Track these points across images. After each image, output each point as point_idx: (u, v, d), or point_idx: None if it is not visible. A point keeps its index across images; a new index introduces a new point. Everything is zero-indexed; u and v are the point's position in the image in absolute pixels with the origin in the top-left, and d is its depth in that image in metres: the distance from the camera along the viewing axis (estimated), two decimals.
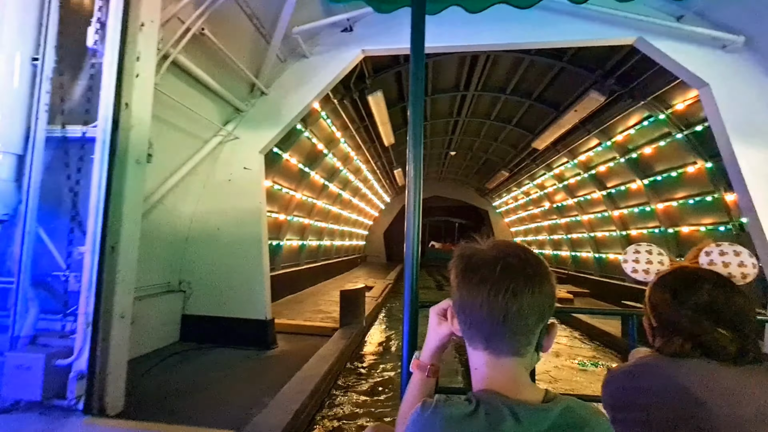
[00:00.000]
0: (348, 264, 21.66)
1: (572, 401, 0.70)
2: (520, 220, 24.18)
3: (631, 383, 0.97)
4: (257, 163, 6.73)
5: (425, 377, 0.93)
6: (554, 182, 16.17)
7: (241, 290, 6.51)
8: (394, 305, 13.10)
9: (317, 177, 12.31)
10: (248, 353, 6.12)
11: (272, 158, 9.19)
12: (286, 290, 11.75)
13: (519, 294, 0.69)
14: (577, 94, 9.54)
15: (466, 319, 0.75)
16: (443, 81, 11.01)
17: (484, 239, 0.79)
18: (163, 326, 6.21)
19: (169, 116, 5.52)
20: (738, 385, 0.85)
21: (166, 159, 5.79)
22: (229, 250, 6.58)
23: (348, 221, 20.34)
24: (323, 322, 8.08)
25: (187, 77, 5.51)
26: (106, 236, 3.44)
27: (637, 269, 1.18)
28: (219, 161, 6.75)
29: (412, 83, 1.60)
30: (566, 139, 12.26)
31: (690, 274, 1.03)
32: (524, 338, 0.72)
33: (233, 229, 6.63)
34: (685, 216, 9.79)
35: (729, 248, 1.06)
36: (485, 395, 0.70)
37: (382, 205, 26.61)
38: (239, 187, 6.70)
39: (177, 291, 6.55)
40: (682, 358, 0.92)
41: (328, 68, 6.63)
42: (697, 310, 0.94)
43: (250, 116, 6.79)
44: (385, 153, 15.87)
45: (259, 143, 6.74)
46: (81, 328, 3.27)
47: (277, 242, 11.32)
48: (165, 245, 6.36)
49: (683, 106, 7.85)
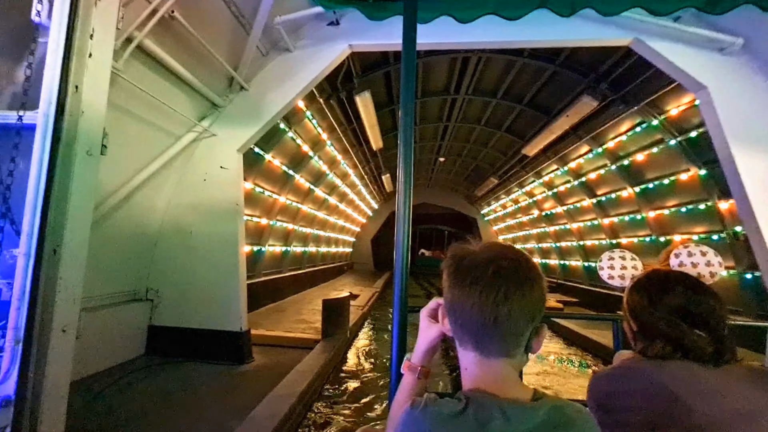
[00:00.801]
0: (334, 271, 21.14)
1: (560, 401, 0.71)
2: (509, 228, 24.04)
3: (615, 386, 0.98)
4: (235, 163, 6.28)
5: (415, 379, 0.92)
6: (543, 190, 16.02)
7: (214, 299, 6.02)
8: (381, 314, 12.64)
9: (302, 180, 11.87)
10: (220, 368, 5.63)
11: (253, 159, 8.74)
12: (268, 298, 11.23)
13: (510, 297, 0.69)
14: (569, 98, 9.35)
15: (456, 320, 0.75)
16: (433, 83, 10.74)
17: (476, 241, 0.79)
18: (125, 339, 5.67)
19: (136, 107, 5.05)
20: (719, 385, 0.87)
21: (132, 154, 5.33)
22: (202, 255, 6.10)
23: (334, 227, 19.87)
24: (305, 333, 7.60)
25: (156, 66, 5.06)
26: (46, 238, 2.95)
27: (613, 275, 1.20)
28: (193, 159, 6.29)
29: (403, 93, 1.56)
30: (557, 145, 12.09)
31: (662, 277, 1.05)
32: (514, 340, 0.72)
33: (207, 233, 6.16)
34: (676, 224, 9.64)
35: (696, 249, 1.09)
36: (474, 394, 0.70)
37: (370, 211, 26.21)
38: (215, 188, 6.24)
39: (143, 300, 6.02)
40: (664, 360, 0.93)
41: (313, 63, 6.26)
42: (672, 313, 0.96)
43: (228, 112, 6.36)
44: (373, 157, 15.53)
45: (238, 141, 6.31)
46: (9, 345, 2.75)
47: (258, 248, 10.81)
48: (131, 250, 5.85)
49: (677, 112, 7.68)
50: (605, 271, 1.23)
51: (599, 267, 1.25)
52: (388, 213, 27.43)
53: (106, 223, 5.23)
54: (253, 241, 10.59)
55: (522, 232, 21.84)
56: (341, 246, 23.44)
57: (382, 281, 19.51)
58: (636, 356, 1.02)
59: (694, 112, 7.48)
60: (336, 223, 19.66)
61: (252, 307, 10.12)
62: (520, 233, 22.20)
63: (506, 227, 24.43)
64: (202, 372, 5.48)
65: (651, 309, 1.00)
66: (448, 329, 0.80)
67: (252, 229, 10.34)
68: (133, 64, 4.64)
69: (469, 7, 3.25)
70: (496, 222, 26.13)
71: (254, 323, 8.62)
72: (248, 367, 5.80)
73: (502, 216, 24.11)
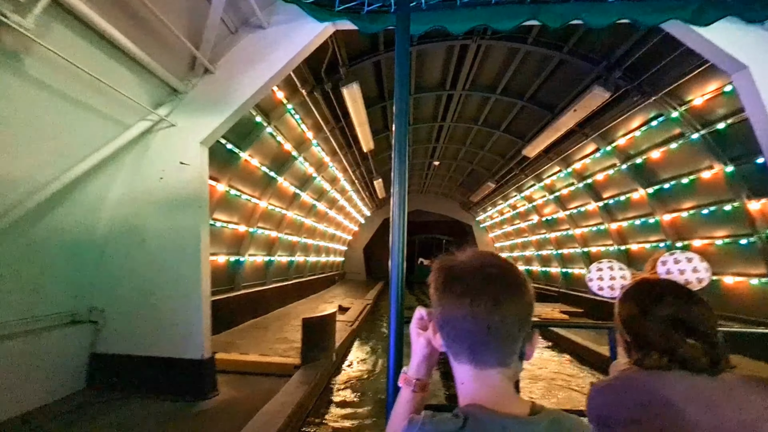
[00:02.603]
0: (324, 282, 20.08)
1: (559, 413, 0.70)
2: (506, 235, 23.21)
3: (614, 398, 0.95)
4: (198, 158, 5.33)
5: (412, 392, 0.87)
6: (544, 194, 15.22)
7: (171, 321, 5.01)
8: (374, 330, 11.58)
9: (286, 184, 10.89)
10: (176, 406, 4.62)
11: (227, 157, 7.77)
12: (248, 314, 10.19)
13: (501, 303, 0.69)
14: (577, 90, 8.55)
15: (449, 333, 0.74)
16: (428, 76, 9.88)
17: (461, 251, 0.78)
18: (59, 372, 4.65)
19: (68, 86, 4.10)
20: (718, 396, 0.85)
21: (65, 144, 4.36)
22: (157, 268, 5.11)
23: (324, 236, 18.87)
24: (284, 356, 6.57)
25: (94, 37, 4.12)
26: None
27: (603, 287, 1.20)
28: (149, 154, 5.32)
29: (397, 105, 1.56)
30: (560, 145, 11.30)
31: (651, 286, 1.04)
32: (508, 348, 0.71)
33: (165, 240, 5.17)
34: (695, 228, 8.82)
35: (682, 255, 1.10)
36: (472, 410, 0.68)
37: (362, 218, 25.25)
38: (174, 187, 5.27)
39: (85, 322, 5.00)
40: (662, 371, 0.91)
41: (290, 43, 5.38)
42: (664, 323, 0.94)
43: (190, 99, 5.42)
44: (364, 161, 14.62)
45: (201, 132, 5.37)
46: None
47: (237, 258, 9.78)
48: (68, 261, 4.85)
49: (702, 101, 6.88)
50: (594, 283, 1.21)
51: (588, 279, 1.24)
52: (380, 221, 26.45)
53: (30, 226, 4.24)
54: (231, 251, 9.56)
55: (520, 239, 21.00)
56: (332, 255, 22.40)
57: (374, 292, 18.47)
58: (633, 367, 0.98)
59: (721, 101, 6.69)
60: (326, 231, 18.65)
61: (228, 324, 9.09)
62: (518, 240, 21.36)
63: (503, 234, 23.59)
64: (154, 411, 4.47)
65: (642, 320, 0.98)
66: (440, 344, 0.77)
67: (229, 238, 9.33)
68: (56, 29, 3.71)
69: (461, 19, 3.25)
70: (492, 229, 25.30)
71: (227, 344, 7.60)
72: (211, 403, 4.78)
73: (499, 222, 23.28)
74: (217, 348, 7.15)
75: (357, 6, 4.12)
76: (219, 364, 5.91)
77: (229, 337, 8.28)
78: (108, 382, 4.88)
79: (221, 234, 8.91)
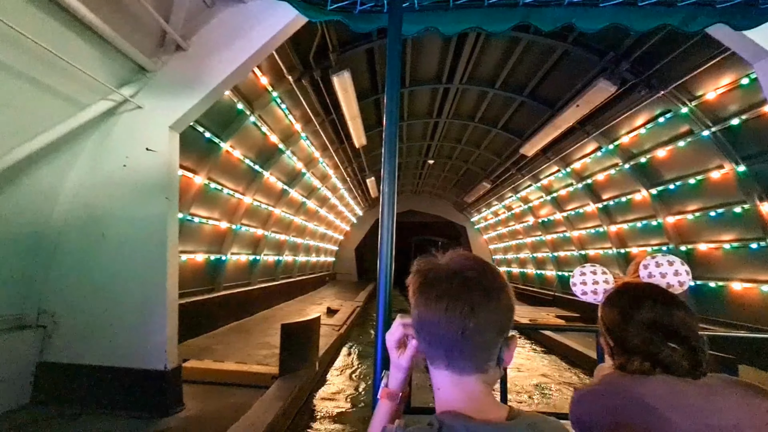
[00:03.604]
0: (314, 282, 19.52)
1: (536, 417, 0.69)
2: (500, 236, 22.81)
3: (597, 402, 0.95)
4: (167, 144, 4.78)
5: (396, 405, 0.88)
6: (541, 194, 14.81)
7: (131, 327, 4.45)
8: (363, 336, 11.04)
9: (273, 179, 10.32)
10: (133, 424, 4.07)
11: (205, 147, 7.20)
12: (231, 316, 9.61)
13: (477, 308, 0.67)
14: (581, 84, 8.11)
15: (426, 337, 0.73)
16: (425, 67, 9.37)
17: (441, 253, 0.77)
18: (1, 383, 4.04)
19: (12, 57, 3.54)
20: (699, 399, 0.85)
21: (6, 121, 3.77)
22: (117, 267, 4.56)
23: (314, 235, 18.30)
24: (262, 364, 6.02)
25: (47, 4, 3.57)
26: None
27: (586, 291, 1.18)
28: (111, 138, 4.76)
29: (388, 105, 1.58)
30: (560, 143, 10.86)
31: (631, 290, 1.04)
32: (485, 354, 0.70)
33: (127, 236, 4.62)
34: (700, 231, 8.43)
35: (663, 259, 1.07)
36: (448, 418, 0.67)
37: (354, 218, 24.70)
38: (139, 177, 4.72)
39: (32, 327, 4.42)
40: (645, 375, 0.91)
41: (273, 19, 4.84)
42: (645, 328, 0.94)
43: (159, 79, 4.87)
44: (357, 158, 14.10)
45: (172, 116, 4.82)
46: None
47: (218, 257, 9.20)
48: (15, 257, 4.28)
49: (714, 96, 6.46)
50: (578, 287, 1.19)
51: (572, 284, 1.21)
52: (373, 220, 25.90)
53: None
54: (212, 249, 8.97)
55: (515, 240, 20.59)
56: (322, 255, 21.83)
57: (365, 293, 17.94)
58: (615, 372, 0.98)
59: (736, 96, 6.28)
60: (316, 230, 18.08)
61: (208, 327, 8.49)
62: (513, 242, 20.96)
63: (498, 236, 23.19)
64: (106, 429, 3.91)
65: (624, 325, 0.98)
66: (414, 347, 0.80)
67: (209, 235, 8.74)
68: None
69: (453, 21, 3.05)
70: (486, 230, 24.90)
71: (203, 350, 7.03)
72: (173, 420, 4.22)
73: (494, 224, 22.87)
74: (190, 354, 6.59)
75: (349, 5, 4.00)
76: (189, 374, 5.37)
77: (206, 342, 7.71)
78: (56, 396, 4.30)
79: (200, 230, 8.32)
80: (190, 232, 7.84)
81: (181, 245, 7.70)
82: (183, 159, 6.86)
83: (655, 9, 3.85)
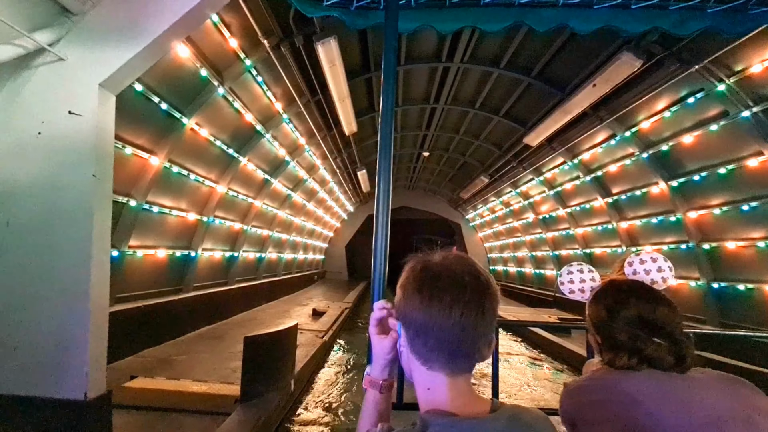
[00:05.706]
0: (302, 281, 18.47)
1: (517, 408, 0.70)
2: (496, 234, 21.94)
3: (585, 398, 0.96)
4: (94, 106, 3.71)
5: (379, 394, 0.86)
6: (543, 189, 13.92)
7: (40, 343, 3.39)
8: (352, 342, 9.98)
9: (252, 167, 9.25)
10: None
11: (165, 123, 6.13)
12: (202, 320, 8.55)
13: (486, 313, 0.68)
14: (600, 60, 7.17)
15: (427, 341, 0.70)
16: (421, 43, 8.37)
17: (432, 253, 0.75)
18: None
19: None
20: (685, 393, 0.85)
21: None
22: (25, 264, 3.50)
23: (302, 231, 17.22)
24: (227, 382, 4.98)
25: None
26: None
27: (574, 290, 1.18)
28: (22, 98, 3.69)
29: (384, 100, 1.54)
30: (567, 132, 9.93)
31: (617, 287, 1.05)
32: (479, 354, 0.70)
33: (39, 225, 3.56)
34: (728, 227, 7.57)
35: (647, 256, 1.09)
36: (433, 417, 0.66)
37: (345, 214, 23.65)
38: (58, 148, 3.66)
39: None
40: (632, 370, 0.92)
41: None
42: (630, 324, 0.94)
43: (88, 23, 3.80)
44: (347, 148, 13.04)
45: (103, 71, 3.75)
46: None
47: (185, 253, 8.11)
48: None
49: (761, 69, 5.57)
50: (566, 286, 1.20)
51: (560, 282, 1.22)
52: (365, 217, 24.84)
53: None
54: (177, 244, 7.88)
55: (512, 238, 19.73)
56: (311, 252, 20.76)
57: (355, 294, 16.92)
58: (603, 368, 0.99)
59: None
60: (304, 225, 17.01)
61: (173, 333, 7.39)
62: (510, 240, 20.09)
63: (494, 233, 22.31)
64: None
65: (610, 322, 0.99)
66: (394, 340, 0.80)
67: (174, 228, 7.64)
68: None
69: (449, 19, 3.49)
70: (482, 228, 24.02)
71: (160, 362, 5.96)
72: None
73: (490, 221, 21.98)
74: (144, 368, 5.55)
75: (345, 1, 3.92)
76: (133, 397, 4.34)
77: (168, 351, 6.65)
78: None
79: (162, 222, 7.23)
80: (148, 223, 6.74)
81: (139, 239, 6.63)
82: (134, 135, 5.79)
83: (647, 12, 3.73)
